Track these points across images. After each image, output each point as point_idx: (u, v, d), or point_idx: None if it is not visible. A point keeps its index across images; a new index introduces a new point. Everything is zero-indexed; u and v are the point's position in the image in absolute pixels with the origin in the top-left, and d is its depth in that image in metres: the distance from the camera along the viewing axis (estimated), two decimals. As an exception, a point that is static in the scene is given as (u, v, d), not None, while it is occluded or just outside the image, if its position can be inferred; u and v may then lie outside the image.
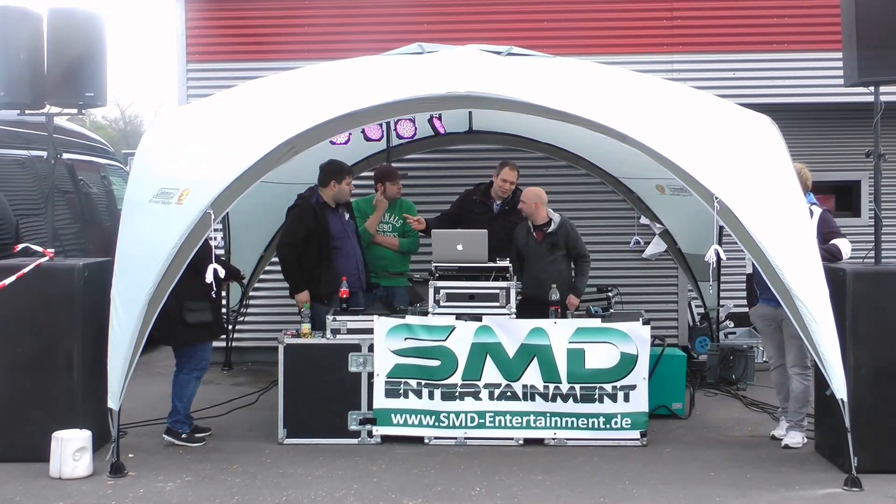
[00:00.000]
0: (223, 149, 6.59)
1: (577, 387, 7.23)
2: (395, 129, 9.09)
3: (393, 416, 7.29)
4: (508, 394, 7.26)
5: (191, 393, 7.40)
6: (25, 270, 6.69)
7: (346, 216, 8.20)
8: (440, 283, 7.35)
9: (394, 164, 9.34)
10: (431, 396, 7.28)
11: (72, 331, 6.81)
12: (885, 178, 7.30)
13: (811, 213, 7.02)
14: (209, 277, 6.41)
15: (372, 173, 10.04)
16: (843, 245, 7.02)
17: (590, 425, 7.24)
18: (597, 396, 7.23)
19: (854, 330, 6.52)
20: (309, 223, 7.91)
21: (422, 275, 8.00)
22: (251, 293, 10.45)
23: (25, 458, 6.67)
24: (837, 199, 11.68)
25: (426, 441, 7.27)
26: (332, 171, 8.07)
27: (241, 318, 10.34)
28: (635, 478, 6.50)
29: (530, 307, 7.71)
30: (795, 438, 7.20)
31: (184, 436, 7.31)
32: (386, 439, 7.29)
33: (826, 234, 7.02)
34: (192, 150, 6.73)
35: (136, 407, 7.97)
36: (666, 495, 6.17)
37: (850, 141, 11.37)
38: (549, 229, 8.05)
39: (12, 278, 6.60)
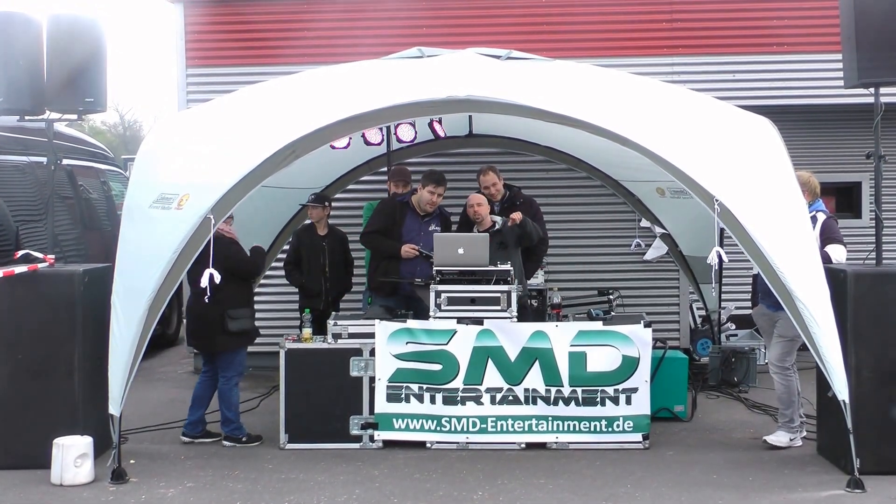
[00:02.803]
0: (223, 153, 6.59)
1: (579, 390, 7.22)
2: (396, 133, 9.09)
3: (394, 420, 7.28)
4: (510, 398, 7.25)
5: (236, 399, 7.52)
6: (17, 270, 6.68)
7: (432, 226, 8.17)
8: (441, 287, 7.34)
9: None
10: (433, 401, 7.27)
11: (72, 337, 6.81)
12: (885, 180, 7.30)
13: (815, 219, 7.04)
14: (204, 281, 6.40)
15: (373, 177, 10.10)
16: (835, 251, 7.01)
17: (592, 429, 7.23)
18: (599, 399, 7.22)
19: (855, 331, 6.51)
20: (385, 217, 8.17)
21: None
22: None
23: (26, 465, 6.67)
24: (838, 200, 11.68)
25: (428, 446, 7.26)
26: (423, 176, 8.23)
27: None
28: (638, 481, 6.49)
29: None
30: (780, 438, 7.20)
31: (244, 438, 7.42)
32: (388, 444, 7.28)
33: (824, 239, 7.03)
34: (192, 155, 6.73)
35: (137, 413, 7.98)
36: (669, 498, 6.16)
37: (851, 142, 11.38)
38: (494, 229, 8.02)
39: (-1, 273, 6.61)
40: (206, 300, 6.60)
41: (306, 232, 8.97)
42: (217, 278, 6.49)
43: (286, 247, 9.55)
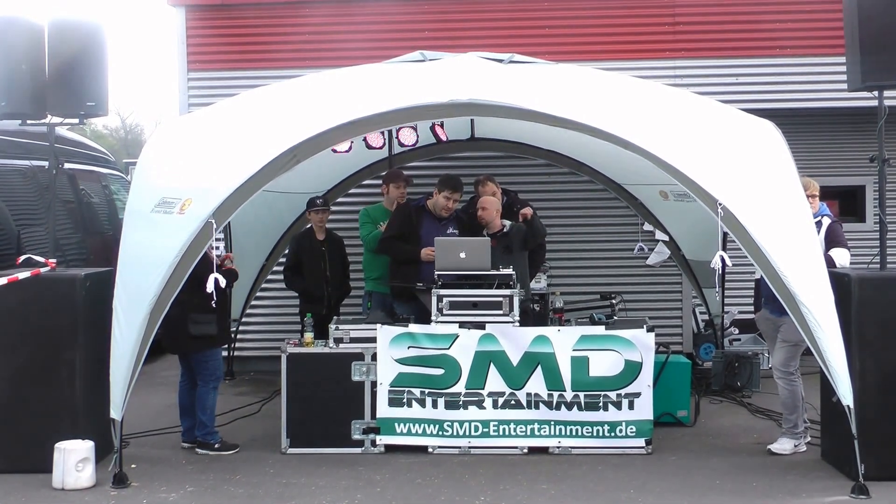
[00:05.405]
0: (225, 158, 6.57)
1: (582, 395, 7.20)
2: (397, 137, 9.05)
3: (396, 425, 7.26)
4: (512, 402, 7.23)
5: (212, 404, 7.47)
6: (20, 276, 6.67)
7: (450, 229, 8.16)
8: (443, 292, 7.32)
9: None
10: (435, 405, 7.24)
11: (74, 341, 6.80)
12: (889, 183, 7.30)
13: (821, 223, 7.03)
14: (210, 287, 6.40)
15: (375, 181, 10.07)
16: (839, 255, 7.00)
17: (594, 433, 7.21)
18: (601, 404, 7.19)
19: (860, 335, 6.48)
20: (402, 222, 8.15)
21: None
22: (253, 302, 10.43)
23: (28, 470, 6.65)
24: (842, 204, 11.65)
25: (430, 450, 7.24)
26: (439, 181, 8.23)
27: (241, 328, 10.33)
28: (641, 486, 6.47)
29: None
30: (784, 446, 7.18)
31: (217, 445, 7.36)
32: (389, 448, 7.26)
33: (828, 243, 7.02)
34: (194, 160, 6.72)
35: (139, 417, 7.95)
36: (672, 503, 6.15)
37: (854, 146, 11.34)
38: (501, 232, 8.04)
39: (3, 280, 6.57)
40: (214, 304, 6.61)
41: (305, 237, 8.96)
42: (223, 282, 6.52)
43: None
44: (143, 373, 6.68)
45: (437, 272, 7.40)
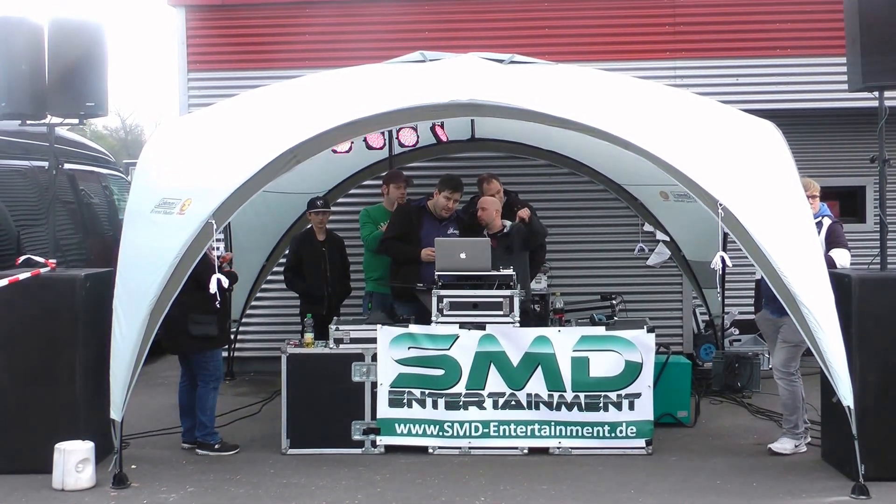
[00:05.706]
0: (225, 158, 6.57)
1: (582, 395, 7.20)
2: (398, 138, 9.05)
3: (397, 425, 7.25)
4: (513, 403, 7.23)
5: (212, 404, 7.47)
6: (21, 276, 6.67)
7: (451, 229, 8.18)
8: (443, 292, 7.31)
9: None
10: (435, 406, 7.24)
11: (74, 341, 6.80)
12: (889, 184, 7.27)
13: (821, 224, 7.02)
14: (213, 288, 6.41)
15: (375, 181, 10.07)
16: (839, 256, 7.00)
17: (595, 434, 7.21)
18: (601, 405, 7.19)
19: (860, 336, 6.48)
20: (402, 223, 8.17)
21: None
22: (253, 302, 10.42)
23: (28, 470, 6.65)
24: (842, 204, 11.62)
25: (430, 451, 7.24)
26: (439, 181, 8.25)
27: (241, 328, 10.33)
28: (641, 487, 6.46)
29: None
30: (785, 445, 7.18)
31: (217, 446, 7.36)
32: (390, 449, 7.26)
33: (829, 244, 7.02)
34: (194, 160, 6.72)
35: (139, 418, 7.95)
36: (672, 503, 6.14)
37: (855, 146, 11.31)
38: (502, 233, 8.05)
39: (4, 282, 6.57)
40: (217, 305, 6.64)
41: (305, 238, 8.95)
42: (225, 283, 6.55)
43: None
44: (143, 373, 6.68)
45: (437, 273, 7.40)
